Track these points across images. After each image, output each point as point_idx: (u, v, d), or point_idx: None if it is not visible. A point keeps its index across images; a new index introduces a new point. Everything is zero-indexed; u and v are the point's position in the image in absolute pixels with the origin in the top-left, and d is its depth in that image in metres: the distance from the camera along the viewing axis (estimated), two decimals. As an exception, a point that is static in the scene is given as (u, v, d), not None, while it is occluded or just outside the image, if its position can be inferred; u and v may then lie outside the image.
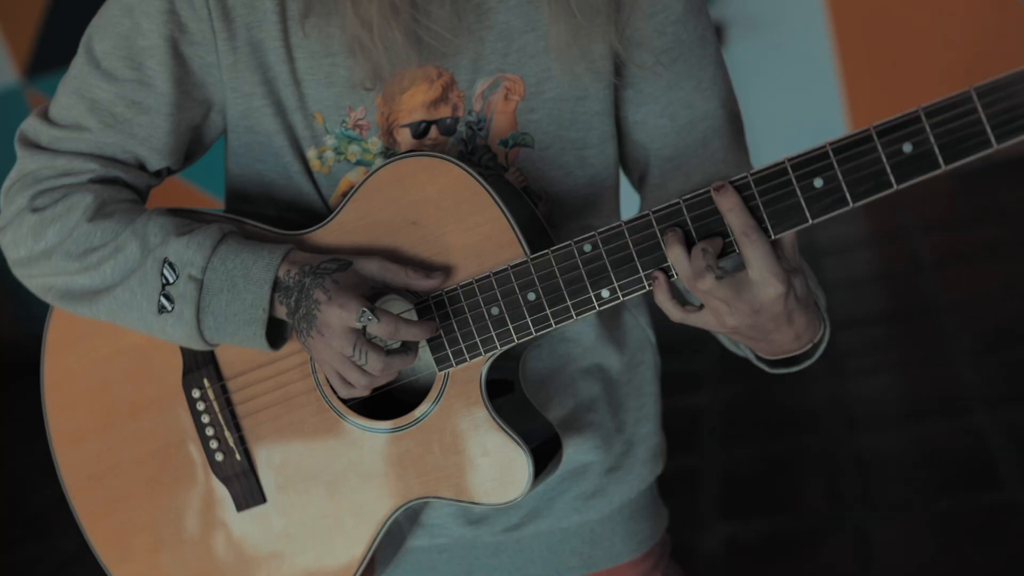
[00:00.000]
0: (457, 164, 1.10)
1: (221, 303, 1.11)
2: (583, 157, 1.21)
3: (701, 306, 1.06)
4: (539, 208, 1.18)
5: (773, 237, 1.01)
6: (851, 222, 4.33)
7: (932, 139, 0.94)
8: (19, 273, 1.20)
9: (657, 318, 1.23)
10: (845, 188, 0.98)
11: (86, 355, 1.25)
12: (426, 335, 1.08)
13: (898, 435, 3.03)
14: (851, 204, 0.98)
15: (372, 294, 1.10)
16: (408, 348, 1.08)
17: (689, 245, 1.03)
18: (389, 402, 1.17)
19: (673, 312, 1.06)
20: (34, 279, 1.19)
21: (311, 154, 1.18)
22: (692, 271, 1.02)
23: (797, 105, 4.44)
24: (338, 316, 1.05)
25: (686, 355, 3.67)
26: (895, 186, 0.96)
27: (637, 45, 1.18)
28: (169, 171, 1.24)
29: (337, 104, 1.16)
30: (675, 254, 1.03)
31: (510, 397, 1.16)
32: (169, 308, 1.12)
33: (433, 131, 1.17)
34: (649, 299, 1.11)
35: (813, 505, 2.86)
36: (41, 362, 1.27)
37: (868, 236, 4.39)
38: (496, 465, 1.12)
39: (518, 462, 1.11)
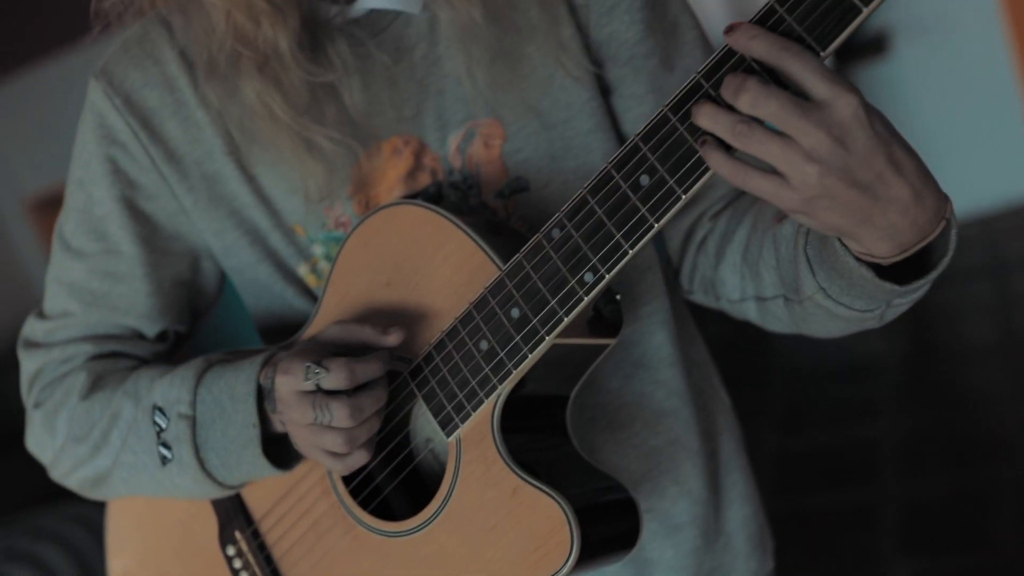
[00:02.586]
0: (411, 204, 0.99)
1: (216, 434, 1.03)
2: None
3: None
4: None
5: (823, 53, 0.76)
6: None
7: None
8: (56, 476, 1.16)
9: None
10: None
11: (141, 548, 1.19)
12: (385, 364, 0.97)
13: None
14: None
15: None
16: (374, 385, 0.97)
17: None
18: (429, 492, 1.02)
19: (735, 172, 0.79)
20: (69, 477, 1.14)
21: (303, 270, 1.10)
22: (731, 89, 0.77)
23: (972, 114, 4.17)
24: (285, 383, 0.96)
25: (859, 381, 3.48)
26: None
27: (607, 44, 1.05)
28: (179, 335, 1.17)
29: (312, 209, 1.07)
30: (706, 109, 0.80)
31: (553, 453, 0.99)
32: (170, 456, 1.05)
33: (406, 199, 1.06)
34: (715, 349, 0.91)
35: (1006, 540, 2.63)
36: (106, 569, 1.23)
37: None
38: (530, 532, 0.92)
39: (554, 518, 0.90)
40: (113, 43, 1.12)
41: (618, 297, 1.01)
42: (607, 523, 0.95)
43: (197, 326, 1.20)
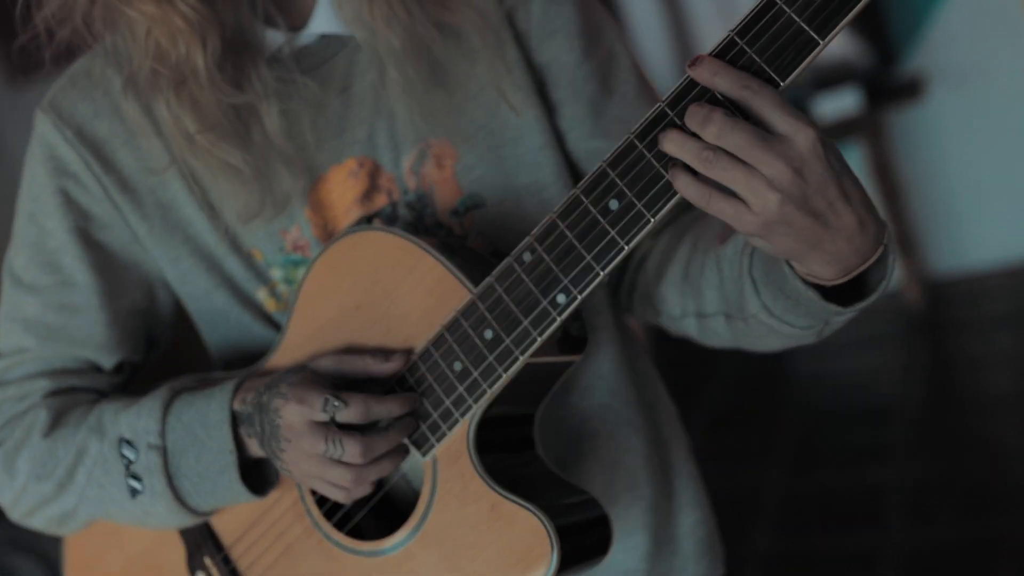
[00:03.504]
0: (377, 229, 1.01)
1: (190, 462, 1.03)
2: (544, 201, 1.10)
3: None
4: None
5: (783, 84, 0.81)
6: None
7: None
8: (16, 517, 1.15)
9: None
10: None
11: None
12: (405, 407, 0.98)
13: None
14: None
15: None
16: (390, 428, 0.98)
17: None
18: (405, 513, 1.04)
19: (699, 195, 0.83)
20: (31, 517, 1.13)
21: (262, 295, 1.11)
22: (696, 120, 0.81)
23: (1002, 162, 4.14)
24: (299, 413, 0.96)
25: (874, 424, 3.46)
26: None
27: (548, 67, 1.11)
28: (134, 366, 1.17)
29: (268, 232, 1.09)
30: (672, 136, 0.84)
31: (526, 470, 1.01)
32: (140, 488, 1.05)
33: (377, 224, 1.09)
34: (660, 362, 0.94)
35: (1007, 597, 2.60)
36: None
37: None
38: (510, 546, 0.94)
39: (534, 532, 0.93)
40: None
41: (582, 315, 1.05)
42: (581, 534, 0.98)
43: (152, 355, 1.19)
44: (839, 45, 4.02)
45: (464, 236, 1.10)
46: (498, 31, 1.09)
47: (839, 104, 4.01)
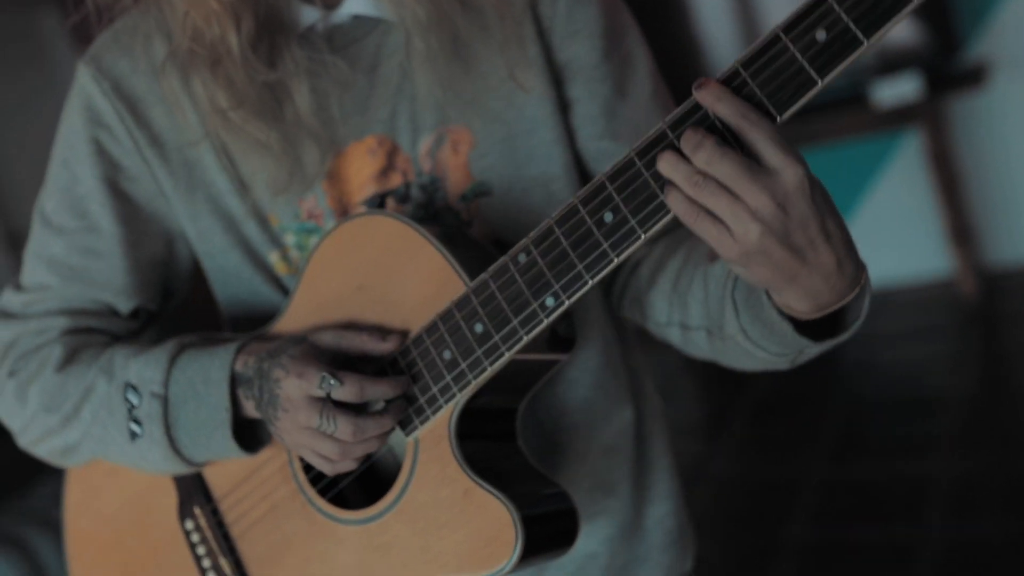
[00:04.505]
0: (386, 215, 1.05)
1: (189, 413, 1.09)
2: (551, 193, 1.13)
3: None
4: None
5: (780, 119, 0.84)
6: None
7: None
8: (23, 444, 1.21)
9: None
10: (852, 26, 0.80)
11: (98, 514, 1.25)
12: (397, 391, 1.02)
13: None
14: (865, 42, 0.80)
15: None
16: (384, 412, 1.02)
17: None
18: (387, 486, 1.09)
19: (688, 212, 0.86)
20: (37, 446, 1.20)
21: (274, 258, 1.16)
22: (689, 145, 0.84)
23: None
24: (298, 387, 1.01)
25: (921, 416, 3.43)
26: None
27: (568, 65, 1.13)
28: (151, 314, 1.23)
29: (286, 199, 1.13)
30: (668, 157, 0.86)
31: (505, 461, 1.06)
32: (140, 433, 1.11)
33: (390, 202, 1.13)
34: (654, 357, 0.97)
35: (1044, 597, 2.58)
36: (63, 530, 1.28)
37: None
38: (479, 531, 1.00)
39: (502, 520, 0.99)
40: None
41: (571, 315, 1.09)
42: (549, 525, 1.03)
43: (167, 306, 1.25)
44: (902, 30, 3.96)
45: (469, 222, 1.13)
46: (520, 19, 1.12)
47: (899, 90, 3.95)
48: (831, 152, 4.33)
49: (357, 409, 1.03)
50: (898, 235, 4.42)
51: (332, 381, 0.99)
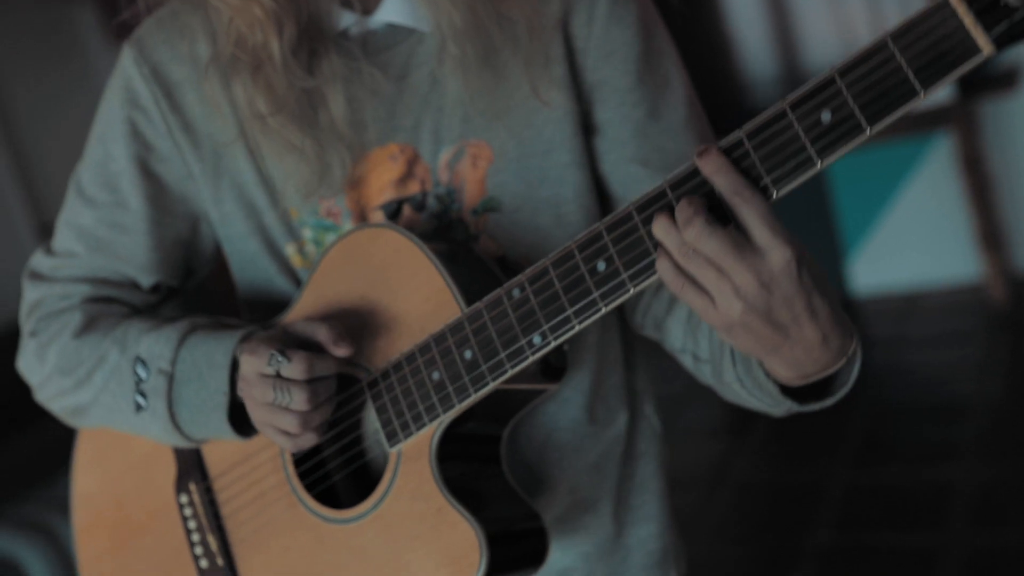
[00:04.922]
0: (395, 230, 1.07)
1: (190, 393, 1.12)
2: (560, 215, 1.14)
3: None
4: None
5: (776, 195, 0.85)
6: None
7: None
8: (40, 399, 1.26)
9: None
10: (858, 112, 0.80)
11: (104, 474, 1.30)
12: (338, 366, 1.06)
13: None
14: (867, 131, 0.81)
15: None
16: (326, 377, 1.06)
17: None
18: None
19: (675, 281, 0.88)
20: (51, 403, 1.25)
21: (290, 250, 1.19)
22: (681, 218, 0.86)
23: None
24: (250, 364, 1.05)
25: (946, 422, 3.41)
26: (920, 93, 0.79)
27: (600, 87, 1.13)
28: (172, 289, 1.27)
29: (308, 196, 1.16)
30: (662, 222, 0.88)
31: (486, 483, 1.09)
32: (144, 405, 1.15)
33: (406, 209, 1.15)
34: (657, 381, 1.01)
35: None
36: (71, 485, 1.34)
37: None
38: (447, 548, 1.03)
39: (469, 541, 1.02)
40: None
41: (565, 348, 1.10)
42: (517, 546, 1.06)
43: (188, 283, 1.29)
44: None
45: (476, 235, 1.15)
46: (550, 35, 1.12)
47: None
48: (862, 155, 4.31)
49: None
50: (928, 239, 4.40)
51: (280, 358, 1.03)
